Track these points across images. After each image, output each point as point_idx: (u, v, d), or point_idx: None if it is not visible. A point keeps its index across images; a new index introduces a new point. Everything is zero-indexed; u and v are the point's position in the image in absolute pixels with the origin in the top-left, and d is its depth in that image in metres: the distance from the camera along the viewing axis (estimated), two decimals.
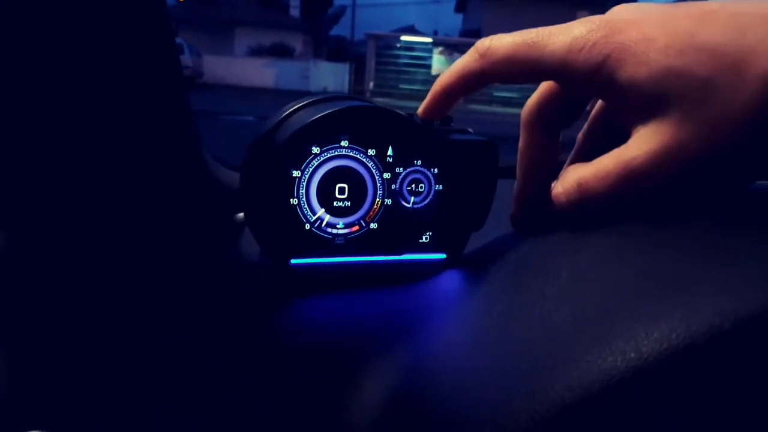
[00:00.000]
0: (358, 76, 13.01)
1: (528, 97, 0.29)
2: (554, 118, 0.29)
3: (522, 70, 0.26)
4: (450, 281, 0.30)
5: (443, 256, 0.33)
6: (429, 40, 12.14)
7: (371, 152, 0.29)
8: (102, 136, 0.29)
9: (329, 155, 0.29)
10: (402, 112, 0.30)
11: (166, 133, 0.32)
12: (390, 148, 0.30)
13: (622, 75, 0.23)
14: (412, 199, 0.31)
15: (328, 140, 0.28)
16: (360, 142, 0.29)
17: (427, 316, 0.27)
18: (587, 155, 0.27)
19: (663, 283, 0.18)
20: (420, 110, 0.30)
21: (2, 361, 0.28)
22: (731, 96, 0.20)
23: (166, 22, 0.29)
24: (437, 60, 11.34)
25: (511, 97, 10.23)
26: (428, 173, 0.31)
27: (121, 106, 0.28)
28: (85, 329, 0.29)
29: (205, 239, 0.38)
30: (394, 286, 0.31)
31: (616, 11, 0.25)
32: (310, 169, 0.29)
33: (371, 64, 11.11)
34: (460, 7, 21.85)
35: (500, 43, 0.26)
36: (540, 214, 0.30)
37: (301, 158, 0.28)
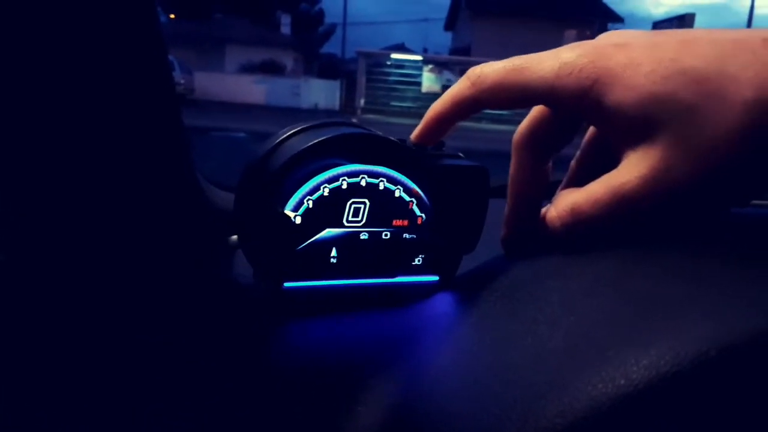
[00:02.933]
0: (348, 93, 13.07)
1: (518, 114, 0.30)
2: (545, 143, 0.29)
3: (512, 96, 0.26)
4: (443, 304, 0.31)
5: (436, 278, 0.33)
6: (419, 57, 12.24)
7: (364, 178, 0.30)
8: (94, 155, 0.29)
9: (322, 182, 0.29)
10: (394, 138, 0.30)
11: (159, 155, 0.32)
12: (383, 173, 0.30)
13: (609, 99, 0.23)
14: (405, 223, 0.31)
15: (321, 167, 0.29)
16: (352, 169, 0.29)
17: (420, 340, 0.27)
18: (580, 180, 0.27)
19: (652, 309, 0.19)
20: (413, 135, 0.31)
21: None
22: (716, 121, 0.21)
23: (159, 40, 0.29)
24: (427, 77, 11.43)
25: (500, 114, 10.30)
26: (421, 197, 0.31)
27: (114, 126, 0.29)
28: (78, 350, 0.29)
29: (198, 261, 0.38)
30: (387, 308, 0.31)
31: (604, 37, 0.26)
32: (304, 196, 0.29)
33: (362, 81, 11.17)
34: (449, 26, 22.12)
35: (491, 69, 0.27)
36: (530, 237, 0.30)
37: (294, 185, 0.29)
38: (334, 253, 0.31)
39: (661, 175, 0.22)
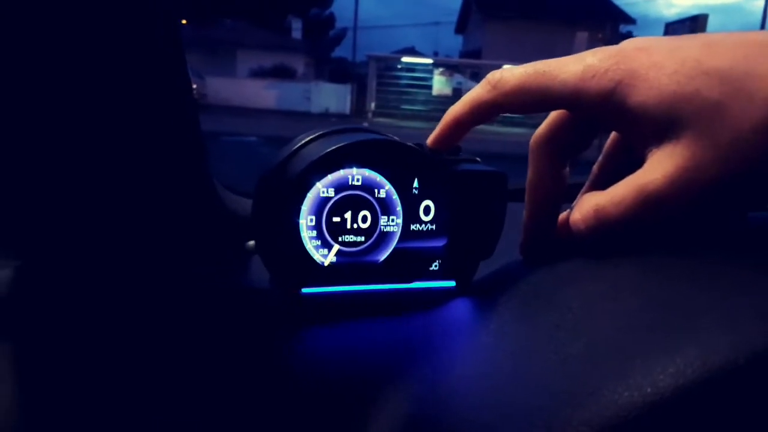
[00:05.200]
0: (359, 96, 13.07)
1: (530, 117, 0.30)
2: (564, 148, 0.29)
3: (534, 99, 0.26)
4: (460, 310, 0.30)
5: (453, 284, 0.33)
6: (429, 61, 12.23)
7: (381, 185, 0.30)
8: (114, 160, 0.29)
9: (340, 189, 0.29)
10: (411, 143, 0.30)
11: (177, 160, 0.32)
12: (401, 179, 0.30)
13: (633, 100, 0.23)
14: (422, 228, 0.31)
15: (338, 174, 0.29)
16: (370, 175, 0.29)
17: (439, 346, 0.27)
18: (603, 184, 0.27)
19: (678, 315, 0.18)
20: (430, 140, 0.31)
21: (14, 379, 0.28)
22: (741, 119, 0.20)
23: (179, 47, 0.29)
24: (438, 81, 11.42)
25: (512, 118, 10.27)
26: (438, 203, 0.31)
27: (134, 133, 0.29)
28: (95, 358, 0.29)
29: (216, 266, 0.38)
30: (404, 314, 0.31)
31: (626, 43, 0.26)
32: (321, 203, 0.29)
33: (372, 85, 11.18)
34: (459, 29, 22.10)
35: (511, 74, 0.27)
36: (550, 242, 0.30)
37: (311, 192, 0.29)
38: (351, 259, 0.31)
39: (687, 174, 0.22)
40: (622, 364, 0.17)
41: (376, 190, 0.30)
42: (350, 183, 0.29)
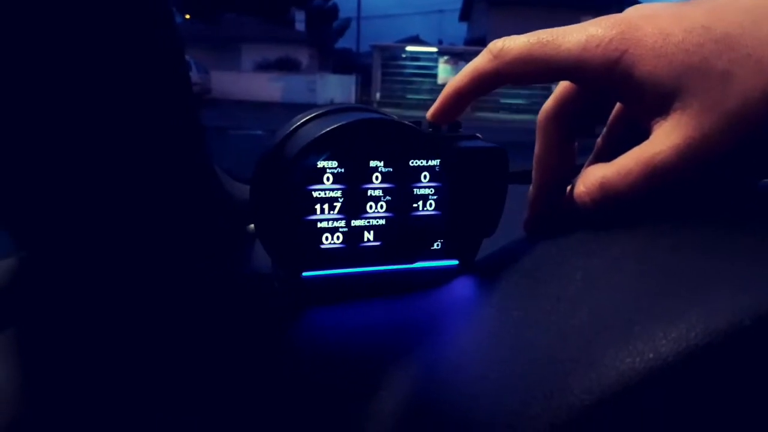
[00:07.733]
0: (364, 87, 13.05)
1: (535, 104, 0.29)
2: (571, 123, 0.28)
3: (537, 69, 0.25)
4: (463, 288, 0.30)
5: (456, 262, 0.33)
6: (434, 49, 12.19)
7: (381, 163, 0.29)
8: (114, 152, 0.29)
9: (338, 169, 0.29)
10: (409, 122, 0.30)
11: (177, 149, 0.32)
12: (400, 158, 0.30)
13: (640, 70, 0.22)
14: (424, 207, 0.31)
15: (337, 153, 0.28)
16: (370, 154, 0.29)
17: (441, 323, 0.26)
18: (607, 156, 0.26)
19: (679, 282, 0.18)
20: (430, 113, 0.30)
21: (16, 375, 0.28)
22: (750, 87, 0.20)
23: (177, 41, 0.29)
24: (443, 69, 11.38)
25: (518, 104, 10.22)
26: (439, 181, 0.31)
27: (133, 123, 0.29)
28: (100, 347, 0.29)
29: (217, 252, 0.38)
30: (407, 294, 0.31)
31: (631, 11, 0.25)
32: (320, 183, 0.29)
33: (377, 75, 11.16)
34: (464, 16, 21.94)
35: (514, 43, 0.26)
36: (554, 220, 0.29)
37: (310, 172, 0.28)
38: (352, 240, 0.30)
39: (695, 144, 0.21)
40: (623, 331, 0.17)
41: (375, 170, 0.29)
42: (349, 163, 0.29)
